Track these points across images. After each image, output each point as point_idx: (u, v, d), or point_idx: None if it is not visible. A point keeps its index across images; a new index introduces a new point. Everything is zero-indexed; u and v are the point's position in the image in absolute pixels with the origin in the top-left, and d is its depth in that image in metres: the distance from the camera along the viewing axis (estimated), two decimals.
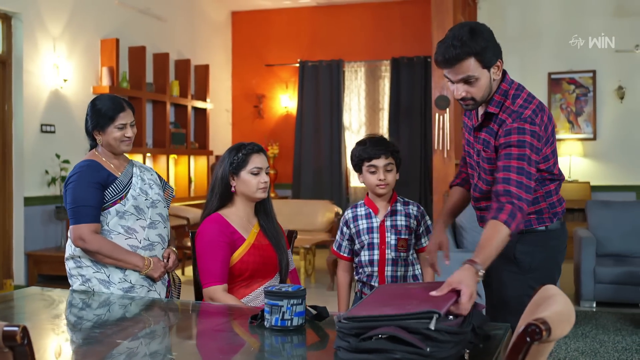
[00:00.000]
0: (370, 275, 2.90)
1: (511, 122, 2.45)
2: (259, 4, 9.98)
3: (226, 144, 10.25)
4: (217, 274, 2.76)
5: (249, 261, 2.82)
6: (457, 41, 2.40)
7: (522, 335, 1.50)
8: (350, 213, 3.00)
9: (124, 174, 2.94)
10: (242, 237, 2.85)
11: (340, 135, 9.89)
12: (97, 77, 7.49)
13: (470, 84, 2.44)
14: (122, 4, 7.91)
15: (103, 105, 2.88)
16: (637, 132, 8.68)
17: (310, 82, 10.01)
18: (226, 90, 10.36)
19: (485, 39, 2.41)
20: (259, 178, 2.86)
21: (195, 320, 2.58)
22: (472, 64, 2.41)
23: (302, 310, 2.19)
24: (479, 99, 2.49)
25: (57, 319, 2.57)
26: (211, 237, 2.80)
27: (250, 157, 2.87)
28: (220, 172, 2.88)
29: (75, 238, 2.80)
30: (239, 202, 2.91)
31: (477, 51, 2.39)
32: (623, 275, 5.85)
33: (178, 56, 9.06)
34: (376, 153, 2.86)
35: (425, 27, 9.33)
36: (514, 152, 2.40)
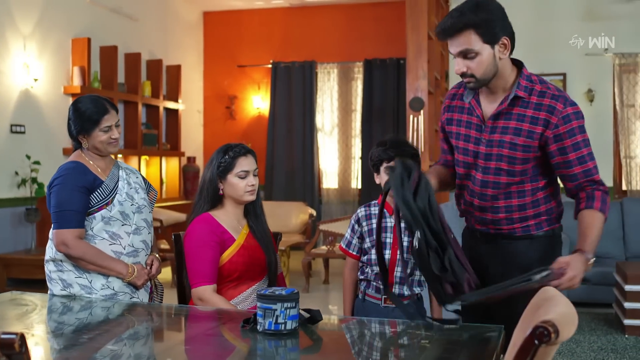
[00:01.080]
0: (378, 274, 2.81)
1: (563, 107, 2.39)
2: (231, 4, 9.91)
3: (198, 145, 10.17)
4: (207, 274, 2.71)
5: (238, 262, 2.79)
6: (456, 12, 2.32)
7: (530, 338, 1.50)
8: (363, 211, 2.94)
9: (110, 177, 2.86)
10: (232, 238, 2.81)
11: (313, 136, 9.86)
12: (68, 77, 7.37)
13: (470, 59, 2.34)
14: (94, 3, 7.79)
15: (86, 109, 2.80)
16: (606, 134, 8.80)
17: (282, 83, 9.97)
18: (198, 91, 10.28)
19: (489, 12, 2.31)
20: (246, 181, 2.83)
21: (184, 325, 2.53)
22: (471, 36, 2.31)
23: (295, 313, 2.16)
24: (479, 76, 2.37)
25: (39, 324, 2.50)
26: (201, 236, 2.76)
27: (237, 160, 2.83)
28: (209, 174, 2.84)
29: (58, 243, 2.72)
30: (227, 205, 2.88)
31: (477, 23, 2.29)
32: (596, 276, 5.91)
33: (150, 56, 8.96)
34: (396, 154, 2.79)
35: (398, 28, 9.36)
36: (579, 139, 2.40)
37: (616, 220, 6.49)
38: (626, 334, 5.07)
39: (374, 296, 2.85)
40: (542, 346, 1.50)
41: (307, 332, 2.22)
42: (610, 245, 6.39)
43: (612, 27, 8.45)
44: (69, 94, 7.31)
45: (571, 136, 2.38)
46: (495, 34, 2.33)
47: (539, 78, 2.48)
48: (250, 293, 2.82)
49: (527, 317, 1.85)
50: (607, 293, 5.72)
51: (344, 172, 9.87)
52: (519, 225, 2.53)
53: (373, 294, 2.85)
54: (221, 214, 2.85)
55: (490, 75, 2.39)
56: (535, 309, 1.82)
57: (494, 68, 2.37)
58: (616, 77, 8.75)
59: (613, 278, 5.65)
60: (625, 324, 5.08)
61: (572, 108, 2.40)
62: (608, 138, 8.81)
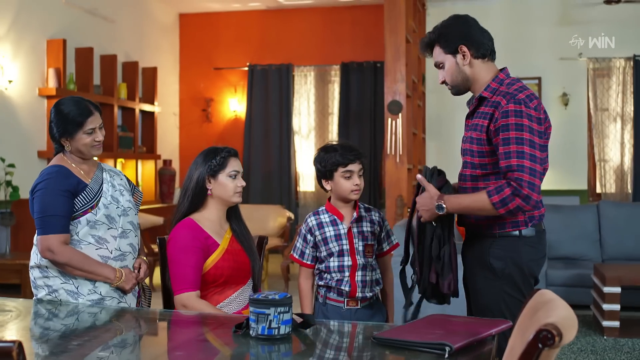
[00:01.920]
0: (341, 280, 2.87)
1: (506, 103, 2.50)
2: (207, 6, 9.85)
3: (174, 148, 10.09)
4: (190, 280, 2.69)
5: (223, 267, 2.77)
6: (428, 32, 2.73)
7: (534, 342, 1.49)
8: (314, 220, 2.95)
9: (94, 180, 2.81)
10: (216, 243, 2.80)
11: (290, 139, 9.84)
12: (43, 79, 7.26)
13: (441, 69, 2.70)
14: (69, 4, 7.69)
15: (69, 111, 2.74)
16: (581, 137, 8.92)
17: (259, 86, 9.93)
18: (173, 94, 10.20)
19: (447, 27, 2.67)
20: (236, 182, 2.83)
21: (173, 330, 2.50)
22: (437, 50, 2.69)
23: (289, 318, 2.14)
24: (450, 83, 2.69)
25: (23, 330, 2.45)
26: (184, 242, 2.73)
27: (228, 160, 2.84)
28: (196, 174, 2.82)
29: (43, 249, 2.66)
30: (212, 206, 2.86)
31: (436, 38, 2.68)
32: (573, 278, 5.98)
33: (126, 58, 8.87)
34: (352, 158, 2.85)
35: (376, 32, 9.39)
36: (512, 135, 2.45)
37: (592, 223, 6.56)
38: (605, 336, 5.12)
39: (336, 299, 2.89)
40: (545, 350, 1.50)
41: (300, 336, 2.20)
42: (587, 247, 6.46)
43: (586, 32, 8.57)
44: (44, 95, 7.21)
45: (504, 131, 2.48)
46: (453, 44, 2.63)
47: (511, 81, 2.63)
48: (235, 297, 2.81)
49: (524, 320, 1.85)
50: (585, 295, 5.78)
51: None
52: (485, 222, 2.64)
53: (335, 298, 2.89)
54: (204, 218, 2.84)
55: (459, 81, 2.68)
56: (533, 312, 1.82)
57: (460, 74, 2.66)
58: (590, 81, 8.87)
59: (590, 280, 5.71)
60: (604, 325, 5.13)
61: (514, 105, 2.49)
62: (582, 141, 8.92)
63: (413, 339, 2.02)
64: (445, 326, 2.18)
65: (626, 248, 6.41)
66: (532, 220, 2.62)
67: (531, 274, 2.63)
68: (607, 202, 6.85)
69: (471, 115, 2.71)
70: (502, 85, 2.60)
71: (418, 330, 2.12)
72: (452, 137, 9.11)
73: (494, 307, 2.61)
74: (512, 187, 2.41)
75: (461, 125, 9.56)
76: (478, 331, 2.09)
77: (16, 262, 6.13)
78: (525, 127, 2.44)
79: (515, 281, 2.60)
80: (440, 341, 1.95)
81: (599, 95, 8.90)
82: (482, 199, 2.48)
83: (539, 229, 2.65)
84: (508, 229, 2.60)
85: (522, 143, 2.43)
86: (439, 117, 9.30)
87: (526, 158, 2.42)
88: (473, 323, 2.24)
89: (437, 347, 1.95)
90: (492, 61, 2.69)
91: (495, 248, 2.60)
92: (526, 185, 2.40)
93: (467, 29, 2.65)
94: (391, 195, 7.17)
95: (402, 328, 2.18)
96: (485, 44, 2.65)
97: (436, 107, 9.30)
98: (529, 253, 2.61)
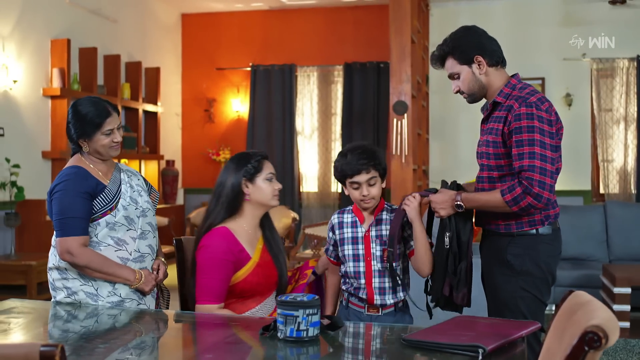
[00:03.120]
0: (358, 288, 2.79)
1: (518, 106, 2.60)
2: (209, 6, 9.83)
3: (176, 149, 10.06)
4: (215, 293, 2.66)
5: (252, 282, 2.73)
6: (439, 45, 2.82)
7: (580, 344, 1.48)
8: (336, 218, 2.90)
9: (112, 181, 2.78)
10: (248, 256, 2.74)
11: (293, 140, 9.82)
12: (48, 79, 7.23)
13: (456, 79, 2.79)
14: (73, 4, 7.66)
15: (87, 111, 2.71)
16: (584, 137, 8.91)
17: (262, 86, 9.91)
18: (176, 94, 10.17)
19: (457, 39, 2.77)
20: (273, 184, 2.80)
21: (199, 333, 2.47)
22: (449, 62, 2.79)
23: (317, 320, 2.13)
24: (467, 92, 2.78)
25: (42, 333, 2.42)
26: (216, 254, 2.68)
27: (263, 163, 2.80)
28: (232, 179, 2.75)
29: (62, 251, 2.63)
30: (248, 212, 2.80)
31: (449, 51, 2.77)
32: (581, 279, 5.97)
33: (129, 58, 8.84)
34: (358, 169, 2.73)
35: (378, 32, 9.38)
36: (525, 137, 2.55)
37: (599, 223, 6.56)
38: None
39: (357, 305, 2.83)
40: (590, 352, 1.49)
41: (328, 339, 2.18)
42: (594, 248, 6.46)
43: (589, 32, 8.56)
44: (49, 96, 7.18)
45: (517, 133, 2.58)
46: (465, 56, 2.74)
47: (522, 85, 2.72)
48: (258, 310, 2.77)
49: (561, 322, 1.84)
50: (593, 296, 5.74)
51: (324, 175, 9.84)
52: (502, 222, 2.72)
53: (356, 303, 2.83)
54: (239, 227, 2.77)
55: (475, 90, 2.77)
56: (570, 314, 1.80)
57: (477, 83, 2.75)
58: (594, 81, 8.86)
59: (599, 281, 5.70)
60: None
61: (526, 108, 2.58)
62: (586, 142, 8.92)
63: (444, 340, 2.01)
64: (475, 328, 2.17)
65: (633, 248, 6.41)
66: (548, 219, 2.71)
67: (549, 270, 2.71)
68: (614, 203, 6.84)
69: (486, 120, 2.81)
70: (515, 90, 2.69)
71: (447, 332, 2.10)
72: (455, 137, 9.11)
73: (510, 303, 2.70)
74: (524, 185, 2.52)
75: (465, 126, 9.63)
76: (508, 333, 2.07)
77: (21, 262, 6.10)
78: (536, 129, 2.54)
79: (532, 278, 2.68)
80: (473, 343, 1.94)
81: (602, 96, 8.89)
82: (496, 197, 2.59)
83: (555, 227, 2.74)
84: (525, 228, 2.69)
85: (534, 144, 2.53)
86: (442, 118, 9.30)
87: (537, 158, 2.52)
88: (501, 324, 2.22)
89: (469, 349, 1.93)
90: (503, 68, 2.80)
91: (513, 246, 2.69)
92: (536, 184, 2.51)
93: (479, 39, 2.77)
94: (396, 195, 7.15)
95: (430, 330, 2.15)
96: (497, 51, 2.77)
97: (439, 108, 9.29)
98: (546, 250, 2.69)
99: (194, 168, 10.08)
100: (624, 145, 8.83)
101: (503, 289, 2.72)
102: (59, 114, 7.24)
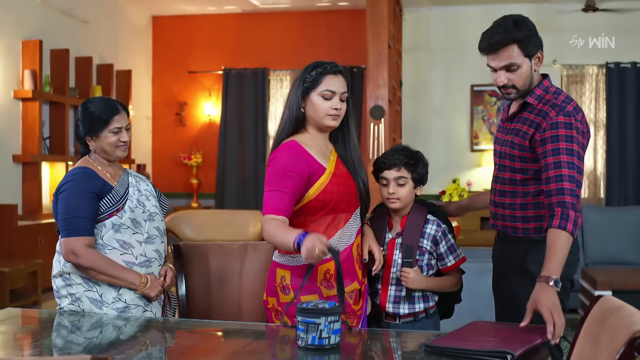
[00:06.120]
0: (376, 292, 2.72)
1: (555, 115, 2.49)
2: (181, 9, 9.71)
3: (147, 153, 9.92)
4: (277, 205, 2.40)
5: (332, 191, 2.48)
6: (501, 29, 2.53)
7: (629, 350, 1.48)
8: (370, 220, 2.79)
9: (120, 183, 2.73)
10: (322, 167, 2.51)
11: (265, 144, 9.76)
12: (19, 81, 7.06)
13: (512, 71, 2.53)
14: (44, 4, 7.49)
15: (96, 108, 2.67)
16: None
17: (234, 90, 9.83)
18: (146, 97, 10.02)
19: (528, 29, 2.55)
20: (331, 103, 2.49)
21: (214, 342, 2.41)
22: (514, 51, 2.52)
23: (339, 327, 2.07)
24: (520, 87, 2.55)
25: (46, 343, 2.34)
26: (285, 165, 2.44)
27: (324, 77, 2.50)
28: (293, 92, 2.54)
29: (66, 252, 2.56)
30: (310, 129, 2.56)
31: (520, 39, 2.51)
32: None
33: (100, 60, 8.68)
34: (388, 165, 2.67)
35: (352, 36, 9.39)
36: (563, 146, 2.44)
37: None
38: None
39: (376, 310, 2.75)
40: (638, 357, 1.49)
41: (349, 347, 2.15)
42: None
43: (560, 39, 8.67)
44: (20, 98, 7.01)
45: (554, 141, 2.47)
46: (532, 48, 2.55)
47: (555, 89, 2.62)
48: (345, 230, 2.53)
49: (593, 327, 1.83)
50: (573, 299, 5.82)
51: None
52: (520, 225, 2.63)
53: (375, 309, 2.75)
54: (307, 140, 2.54)
55: (527, 86, 2.58)
56: (602, 319, 1.80)
57: (530, 79, 2.58)
58: (564, 87, 8.99)
59: (577, 284, 5.76)
60: None
61: (564, 118, 2.49)
62: None
63: (470, 347, 1.99)
64: (497, 333, 2.16)
65: (609, 252, 6.50)
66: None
67: (568, 278, 2.61)
68: (589, 207, 6.94)
69: (511, 119, 2.68)
70: (548, 94, 2.59)
71: (471, 338, 2.08)
72: (427, 142, 9.14)
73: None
74: (570, 204, 2.37)
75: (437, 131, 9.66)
76: (531, 338, 2.06)
77: None
78: (574, 139, 2.45)
79: None
80: (501, 349, 1.92)
81: None
82: (563, 237, 2.34)
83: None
84: (544, 234, 2.52)
85: (572, 154, 2.44)
86: (415, 123, 9.34)
87: (575, 170, 2.42)
88: (520, 329, 2.21)
89: (497, 355, 1.92)
90: None
91: (532, 253, 2.56)
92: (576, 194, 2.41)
93: (538, 34, 2.60)
94: (374, 200, 7.14)
95: (453, 335, 2.13)
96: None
97: (412, 112, 9.34)
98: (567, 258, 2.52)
99: (165, 172, 9.94)
100: (594, 150, 8.97)
101: (523, 297, 2.49)
102: (30, 116, 7.08)
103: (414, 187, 2.71)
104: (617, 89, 8.79)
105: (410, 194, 2.70)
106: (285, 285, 2.51)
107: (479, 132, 9.26)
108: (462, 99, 9.27)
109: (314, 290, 2.48)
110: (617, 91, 8.79)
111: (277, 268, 2.55)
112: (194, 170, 9.72)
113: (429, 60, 9.38)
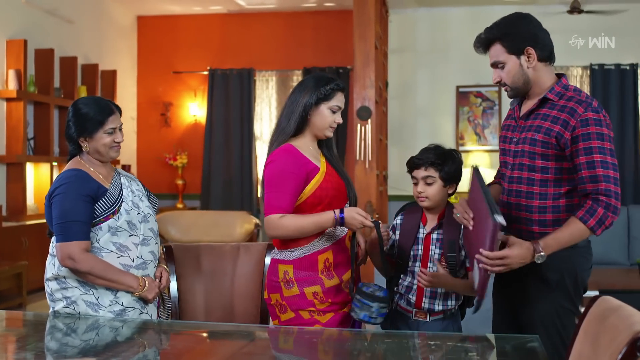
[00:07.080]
0: (410, 287, 2.72)
1: (583, 111, 2.45)
2: (166, 9, 9.66)
3: (131, 153, 9.86)
4: (281, 205, 2.62)
5: (327, 187, 2.70)
6: (488, 28, 2.59)
7: (632, 350, 1.49)
8: (399, 219, 2.85)
9: (114, 185, 2.69)
10: (317, 167, 2.72)
11: (251, 145, 9.73)
12: (3, 81, 6.99)
13: (500, 68, 2.58)
14: (29, 4, 7.43)
15: (89, 109, 2.64)
16: None
17: (220, 90, 9.79)
18: (131, 97, 9.96)
19: (513, 26, 2.55)
20: (334, 117, 2.73)
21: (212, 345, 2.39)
22: (497, 49, 2.56)
23: (385, 311, 2.61)
24: (509, 84, 2.58)
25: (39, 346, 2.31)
26: (284, 167, 2.65)
27: (336, 93, 2.73)
28: (306, 98, 2.70)
29: (63, 257, 2.52)
30: (307, 134, 2.77)
31: (499, 37, 2.55)
32: None
33: (85, 60, 8.61)
34: (417, 164, 2.73)
35: (338, 37, 9.39)
36: (595, 144, 2.41)
37: None
38: None
39: (405, 308, 2.75)
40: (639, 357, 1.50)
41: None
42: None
43: None
44: (4, 98, 6.95)
45: (585, 140, 2.43)
46: (516, 45, 2.53)
47: (575, 88, 2.58)
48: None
49: (591, 327, 1.84)
50: None
51: None
52: (537, 229, 2.55)
53: (404, 306, 2.75)
54: (301, 144, 2.74)
55: (520, 83, 2.57)
56: (601, 319, 1.81)
57: (522, 76, 2.56)
58: None
59: None
60: None
61: (593, 114, 2.45)
62: None
63: None
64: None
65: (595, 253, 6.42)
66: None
67: (583, 284, 2.58)
68: None
69: (527, 116, 2.61)
70: (568, 91, 2.54)
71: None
72: (413, 143, 9.14)
73: (547, 320, 2.54)
74: (603, 203, 2.38)
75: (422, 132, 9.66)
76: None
77: None
78: (605, 137, 2.42)
79: (569, 292, 2.54)
80: None
81: None
82: (579, 228, 2.39)
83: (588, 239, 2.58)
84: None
85: (605, 152, 2.40)
86: (401, 124, 9.36)
87: (610, 168, 2.40)
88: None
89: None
90: (552, 65, 2.63)
91: (548, 259, 2.44)
92: (614, 195, 2.39)
93: (534, 29, 2.57)
94: (361, 202, 7.16)
95: None
96: (549, 46, 2.59)
97: (398, 113, 9.36)
98: (582, 263, 2.56)
99: (150, 173, 9.87)
100: None
101: (538, 304, 2.54)
102: (15, 116, 7.01)
103: (444, 186, 2.73)
104: (601, 90, 8.86)
105: (439, 193, 2.73)
106: (289, 279, 2.67)
107: (465, 133, 9.30)
108: (447, 100, 9.29)
109: (316, 282, 2.64)
110: (601, 92, 8.86)
111: (279, 264, 2.70)
112: (179, 171, 9.67)
113: (414, 61, 9.39)
